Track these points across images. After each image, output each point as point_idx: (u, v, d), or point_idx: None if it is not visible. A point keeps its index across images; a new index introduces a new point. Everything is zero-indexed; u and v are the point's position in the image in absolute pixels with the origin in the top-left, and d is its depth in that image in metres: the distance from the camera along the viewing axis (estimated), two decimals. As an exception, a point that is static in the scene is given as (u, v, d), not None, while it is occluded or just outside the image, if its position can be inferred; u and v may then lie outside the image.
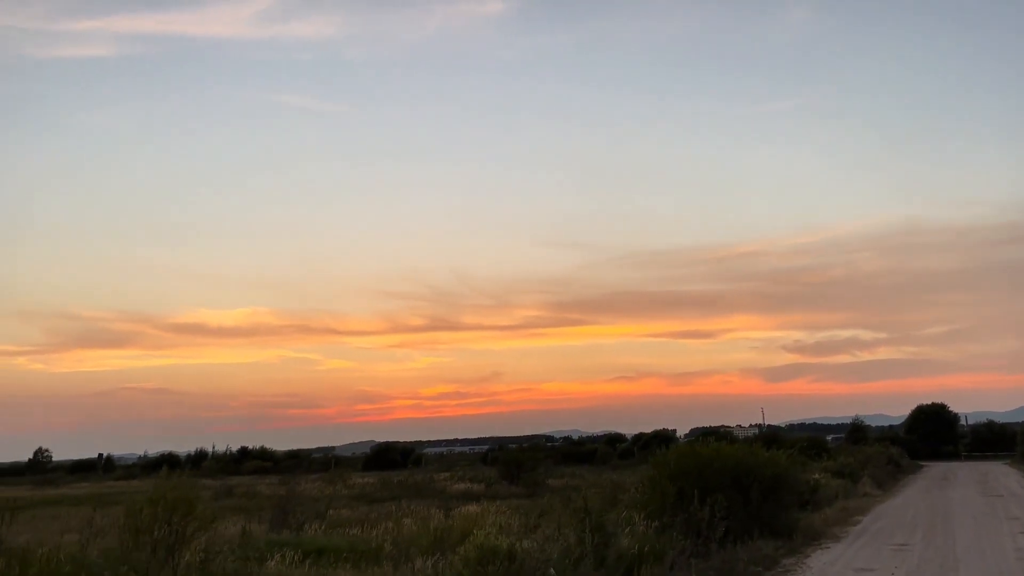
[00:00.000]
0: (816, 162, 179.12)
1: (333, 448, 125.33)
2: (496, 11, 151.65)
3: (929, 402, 65.00)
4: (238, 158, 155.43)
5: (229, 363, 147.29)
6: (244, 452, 74.68)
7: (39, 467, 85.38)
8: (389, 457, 71.87)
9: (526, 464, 35.89)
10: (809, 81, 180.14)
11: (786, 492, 14.91)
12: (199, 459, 77.81)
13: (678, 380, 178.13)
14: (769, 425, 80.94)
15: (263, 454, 73.32)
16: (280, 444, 65.53)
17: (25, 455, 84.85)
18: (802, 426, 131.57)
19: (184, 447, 77.49)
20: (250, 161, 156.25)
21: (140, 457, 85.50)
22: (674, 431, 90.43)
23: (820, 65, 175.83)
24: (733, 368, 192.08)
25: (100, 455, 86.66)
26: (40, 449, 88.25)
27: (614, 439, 76.29)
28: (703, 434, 66.51)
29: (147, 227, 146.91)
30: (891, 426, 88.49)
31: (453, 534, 11.46)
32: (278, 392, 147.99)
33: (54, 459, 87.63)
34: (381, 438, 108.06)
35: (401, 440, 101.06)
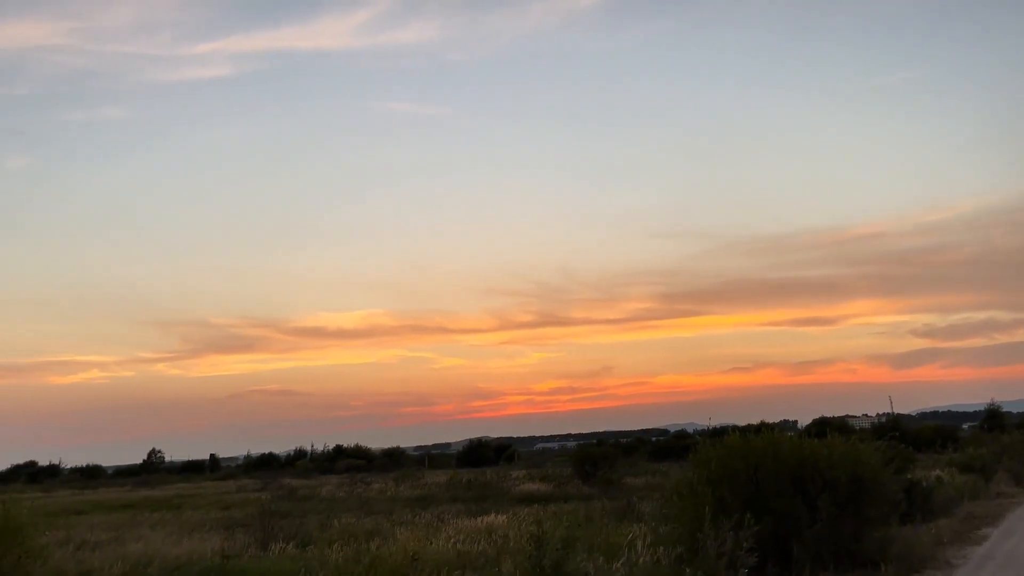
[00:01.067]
0: (939, 135, 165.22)
1: (448, 444, 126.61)
2: (593, 2, 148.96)
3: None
4: (351, 166, 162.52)
5: (349, 364, 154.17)
6: (339, 451, 74.31)
7: (152, 468, 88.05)
8: (481, 453, 69.80)
9: (601, 461, 32.54)
10: (930, 50, 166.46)
11: (873, 500, 11.04)
12: (298, 458, 78.04)
13: (797, 369, 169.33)
14: (898, 414, 75.09)
15: (357, 452, 72.67)
16: (399, 441, 66.59)
17: (171, 457, 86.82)
18: (934, 414, 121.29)
19: (309, 445, 78.46)
20: (362, 168, 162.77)
21: (245, 457, 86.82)
22: (795, 422, 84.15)
23: (942, 33, 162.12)
24: (857, 355, 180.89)
25: (211, 455, 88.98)
26: (153, 450, 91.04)
27: (718, 432, 71.04)
28: (815, 425, 61.01)
29: (270, 236, 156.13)
30: (1035, 411, 79.45)
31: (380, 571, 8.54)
32: (396, 391, 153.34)
33: (168, 460, 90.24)
34: (495, 433, 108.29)
35: (514, 435, 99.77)
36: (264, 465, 75.19)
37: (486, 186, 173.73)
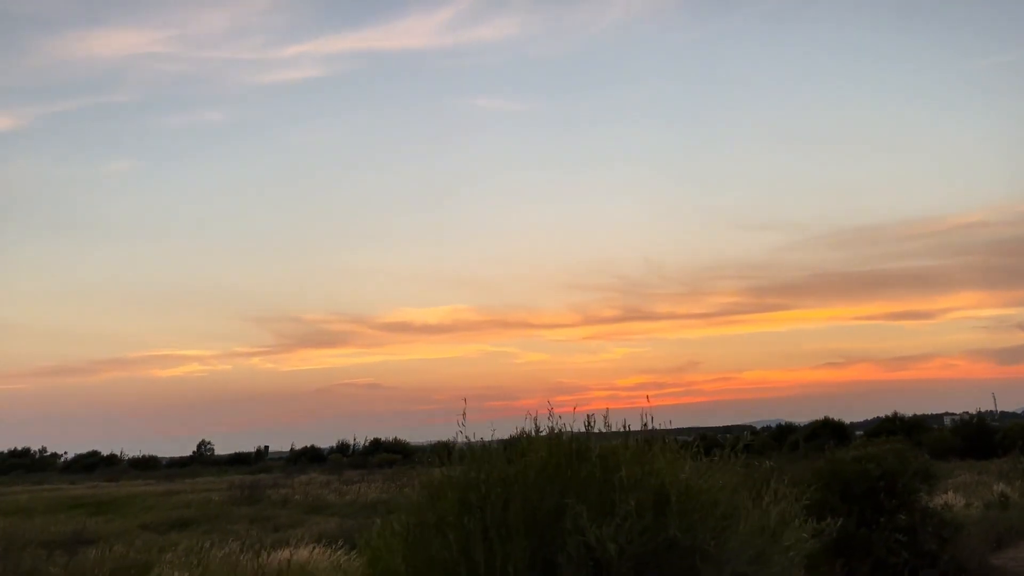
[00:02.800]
0: None
1: None
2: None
3: None
4: (435, 163, 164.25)
5: (433, 358, 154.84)
6: (377, 444, 71.68)
7: (202, 460, 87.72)
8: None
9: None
10: None
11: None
12: (340, 451, 75.82)
13: (893, 365, 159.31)
14: (1002, 412, 69.37)
15: (394, 446, 69.82)
16: (483, 435, 65.61)
17: (257, 446, 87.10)
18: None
19: (398, 437, 77.80)
20: (446, 165, 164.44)
21: (289, 451, 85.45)
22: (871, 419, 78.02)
23: None
24: (957, 350, 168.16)
25: (257, 448, 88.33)
26: (203, 442, 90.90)
27: (785, 430, 65.40)
28: (886, 423, 54.64)
29: (358, 234, 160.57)
30: None
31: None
32: (480, 385, 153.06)
33: (217, 452, 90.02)
34: (579, 429, 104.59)
35: (600, 431, 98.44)
36: (301, 458, 73.34)
37: (569, 181, 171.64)
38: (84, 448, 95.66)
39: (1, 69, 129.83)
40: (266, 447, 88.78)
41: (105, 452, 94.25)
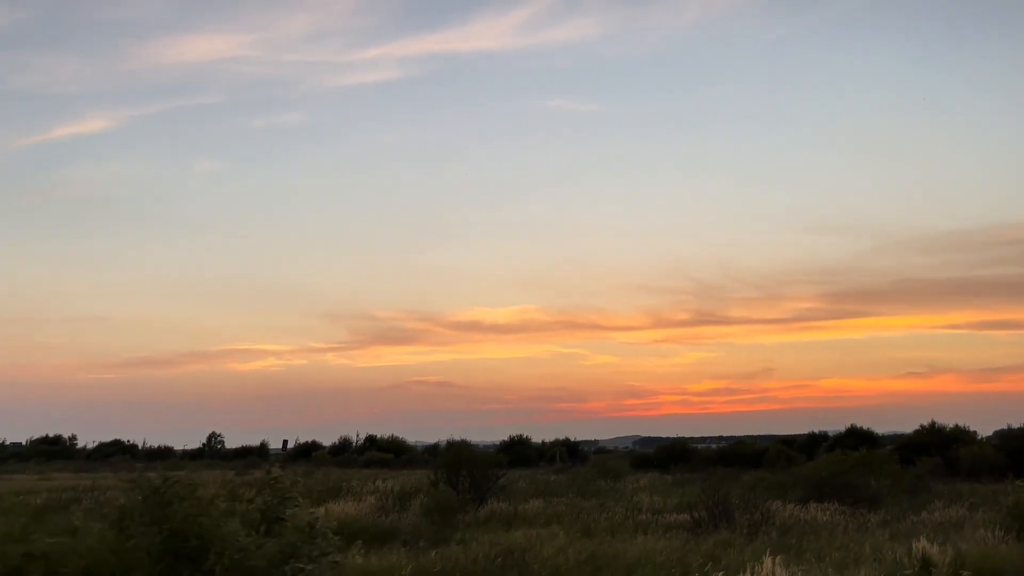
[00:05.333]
0: None
1: (596, 442, 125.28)
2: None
3: None
4: (508, 164, 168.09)
5: (503, 358, 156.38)
6: (371, 441, 68.08)
7: (212, 453, 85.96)
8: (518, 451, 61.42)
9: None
10: None
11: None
12: (342, 448, 72.47)
13: (980, 376, 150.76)
14: None
15: (389, 444, 66.03)
16: (551, 436, 65.18)
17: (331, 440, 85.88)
18: None
19: (465, 436, 75.94)
20: (519, 165, 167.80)
21: (284, 444, 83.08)
22: (974, 432, 71.42)
23: None
24: None
25: (261, 442, 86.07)
26: (213, 434, 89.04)
27: (817, 438, 59.41)
28: (919, 435, 48.30)
29: (431, 233, 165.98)
30: None
31: None
32: (548, 386, 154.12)
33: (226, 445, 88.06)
34: (647, 433, 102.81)
35: (667, 435, 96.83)
36: (304, 454, 70.23)
37: (643, 183, 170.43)
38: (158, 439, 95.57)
39: (97, 73, 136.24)
40: (264, 442, 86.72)
41: (178, 445, 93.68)
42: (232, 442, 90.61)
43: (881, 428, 64.71)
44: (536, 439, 67.85)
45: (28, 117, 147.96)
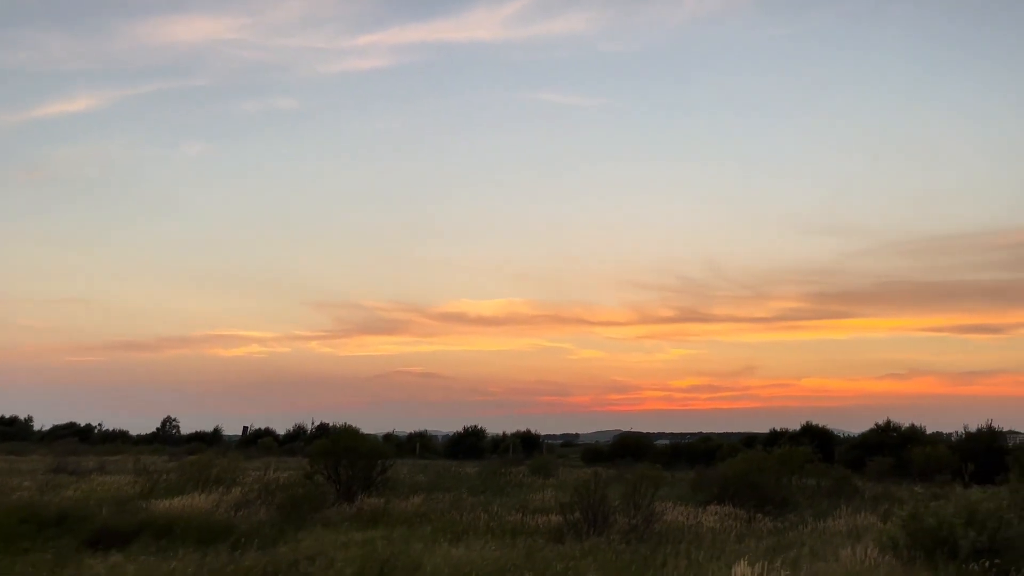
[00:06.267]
0: None
1: (578, 435, 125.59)
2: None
3: None
4: (499, 156, 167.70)
5: (488, 350, 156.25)
6: (323, 429, 65.98)
7: (165, 438, 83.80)
8: (470, 442, 59.58)
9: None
10: None
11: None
12: (296, 436, 70.45)
13: (959, 379, 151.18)
14: None
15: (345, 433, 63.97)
16: (535, 429, 64.29)
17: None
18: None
19: (447, 428, 75.25)
20: (509, 158, 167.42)
21: (244, 429, 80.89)
22: (950, 435, 70.58)
23: None
24: None
25: (215, 427, 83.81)
26: (168, 418, 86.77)
27: (778, 435, 57.63)
28: (875, 433, 46.59)
29: (420, 223, 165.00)
30: None
31: None
32: (533, 379, 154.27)
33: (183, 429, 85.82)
34: (629, 428, 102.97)
35: (649, 431, 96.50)
36: (253, 442, 68.11)
37: (633, 178, 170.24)
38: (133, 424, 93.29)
39: (83, 52, 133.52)
40: (218, 427, 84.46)
41: (138, 430, 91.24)
42: (196, 427, 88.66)
43: (858, 428, 63.83)
44: (498, 431, 66.53)
45: (13, 94, 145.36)
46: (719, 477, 19.19)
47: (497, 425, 65.78)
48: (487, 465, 29.56)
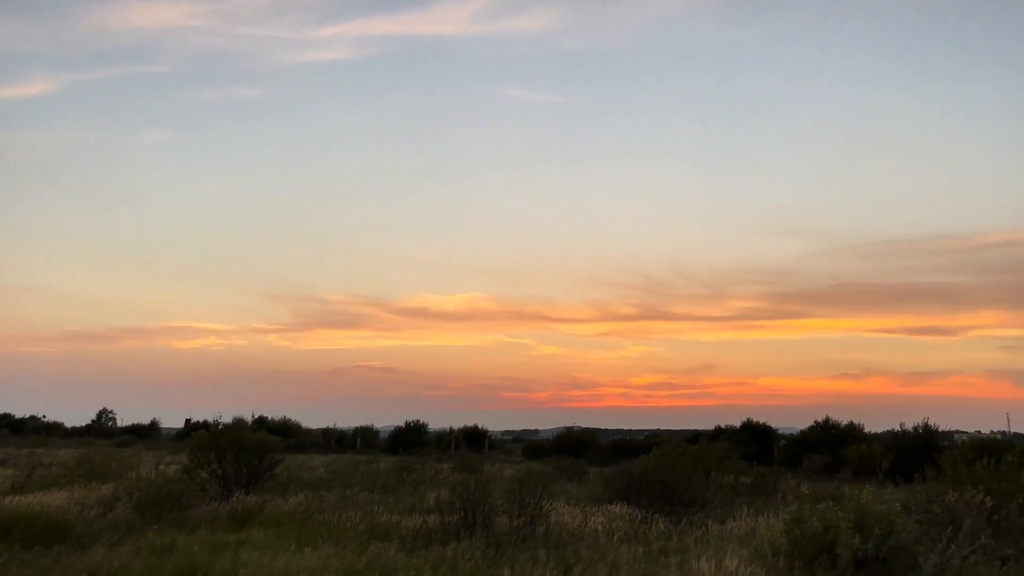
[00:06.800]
0: None
1: (538, 431, 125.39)
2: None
3: None
4: (463, 151, 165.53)
5: (449, 345, 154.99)
6: (261, 422, 64.08)
7: (100, 430, 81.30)
8: (412, 437, 58.25)
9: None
10: None
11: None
12: (193, 431, 68.43)
13: (910, 380, 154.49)
14: (1015, 433, 64.30)
15: (278, 427, 62.04)
16: (496, 425, 63.75)
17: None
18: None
19: (284, 416, 73.98)
20: (474, 153, 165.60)
21: (186, 421, 78.85)
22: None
23: None
24: (976, 369, 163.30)
25: (152, 420, 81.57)
26: (104, 411, 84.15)
27: (721, 432, 57.13)
28: (815, 430, 46.16)
29: (380, 217, 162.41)
30: None
31: None
32: (494, 375, 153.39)
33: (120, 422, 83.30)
34: (589, 424, 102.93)
35: (608, 427, 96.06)
36: (187, 435, 65.99)
37: (597, 176, 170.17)
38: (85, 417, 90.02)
39: (40, 35, 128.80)
40: (155, 420, 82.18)
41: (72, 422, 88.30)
42: (143, 419, 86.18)
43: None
44: (445, 426, 65.46)
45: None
46: (626, 474, 18.06)
47: (458, 420, 64.91)
48: (400, 461, 28.24)
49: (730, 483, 19.55)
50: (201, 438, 18.87)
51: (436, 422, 71.91)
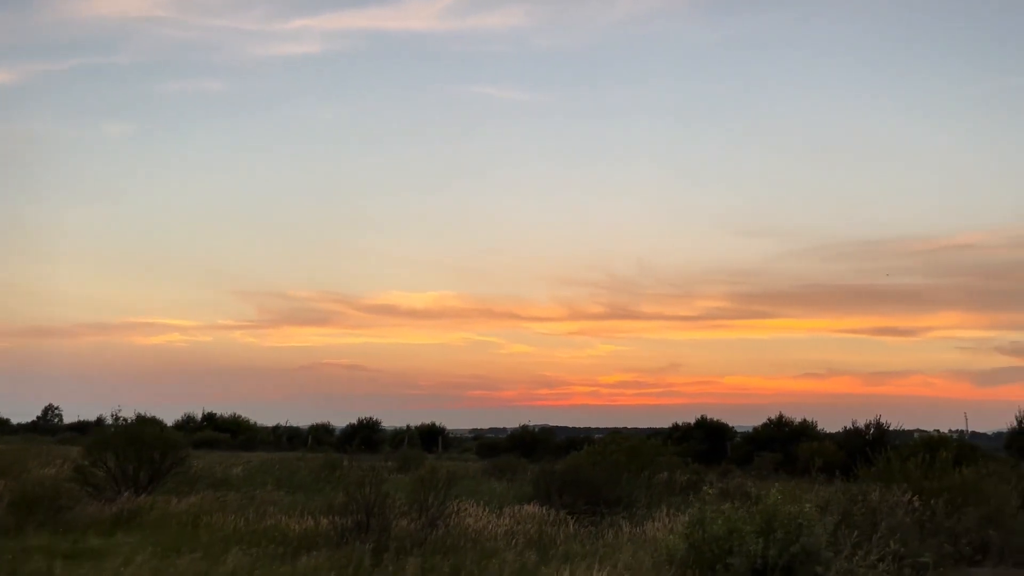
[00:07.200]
0: None
1: (506, 430, 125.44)
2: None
3: None
4: (432, 148, 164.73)
5: (418, 343, 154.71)
6: (209, 419, 62.39)
7: (46, 427, 78.82)
8: (365, 435, 57.02)
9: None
10: None
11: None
12: (181, 427, 66.39)
13: (873, 379, 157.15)
14: (973, 432, 64.90)
15: (227, 423, 60.44)
16: (465, 423, 62.25)
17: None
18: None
19: (235, 413, 72.58)
20: (443, 150, 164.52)
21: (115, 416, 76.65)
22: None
23: None
24: (936, 369, 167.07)
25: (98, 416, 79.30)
26: (49, 406, 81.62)
27: (680, 430, 56.55)
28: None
29: (348, 214, 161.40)
30: None
31: None
32: (463, 373, 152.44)
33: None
34: (556, 422, 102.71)
35: (576, 426, 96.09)
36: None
37: (566, 175, 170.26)
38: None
39: (2, 24, 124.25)
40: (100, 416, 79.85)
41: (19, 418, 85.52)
42: (80, 414, 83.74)
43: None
44: (415, 423, 64.42)
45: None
46: (548, 473, 17.14)
47: (426, 418, 63.65)
48: (327, 458, 27.16)
49: (663, 481, 18.77)
50: (97, 434, 17.59)
51: (404, 420, 70.93)
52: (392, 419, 71.11)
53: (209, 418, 62.80)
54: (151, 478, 17.04)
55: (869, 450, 39.50)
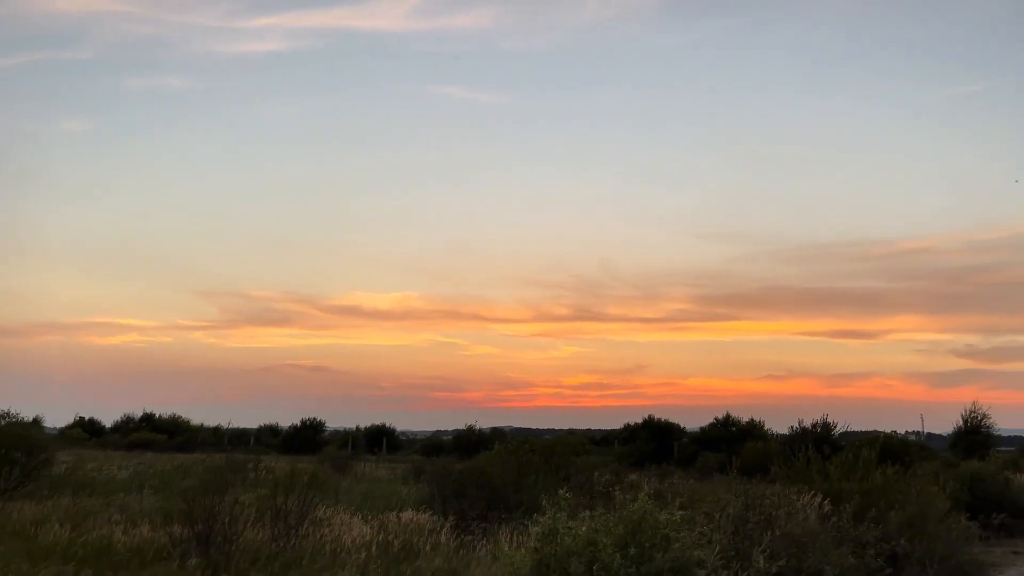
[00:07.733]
0: (999, 153, 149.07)
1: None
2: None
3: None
4: (397, 148, 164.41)
5: (382, 344, 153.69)
6: (148, 419, 60.13)
7: None
8: (306, 436, 55.29)
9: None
10: (996, 65, 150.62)
11: None
12: (120, 427, 64.14)
13: (832, 381, 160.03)
14: (928, 433, 65.36)
15: (165, 424, 58.22)
16: (428, 425, 61.03)
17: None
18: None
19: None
20: (408, 151, 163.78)
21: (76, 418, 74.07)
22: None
23: (1010, 47, 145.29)
24: (894, 371, 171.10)
25: (90, 419, 76.44)
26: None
27: (632, 430, 55.46)
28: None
29: (311, 214, 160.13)
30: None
31: None
32: (427, 375, 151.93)
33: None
34: (520, 424, 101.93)
35: (539, 427, 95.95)
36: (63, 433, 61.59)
37: (530, 177, 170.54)
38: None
39: None
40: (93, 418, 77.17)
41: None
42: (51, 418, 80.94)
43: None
44: (403, 427, 63.63)
45: None
46: (442, 474, 15.76)
47: (389, 420, 62.94)
48: (228, 459, 25.59)
49: (579, 484, 17.51)
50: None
51: (365, 421, 70.10)
52: (352, 420, 69.60)
53: (148, 419, 60.59)
54: (17, 482, 15.37)
55: (807, 448, 38.75)
